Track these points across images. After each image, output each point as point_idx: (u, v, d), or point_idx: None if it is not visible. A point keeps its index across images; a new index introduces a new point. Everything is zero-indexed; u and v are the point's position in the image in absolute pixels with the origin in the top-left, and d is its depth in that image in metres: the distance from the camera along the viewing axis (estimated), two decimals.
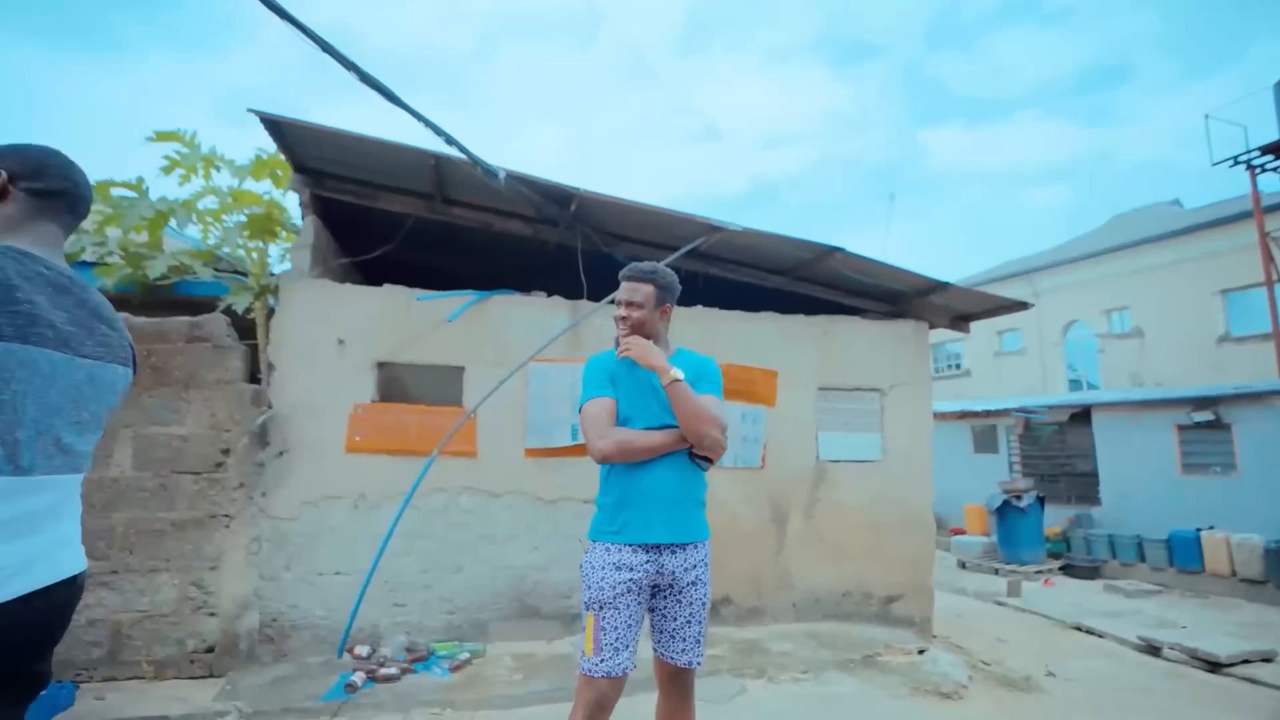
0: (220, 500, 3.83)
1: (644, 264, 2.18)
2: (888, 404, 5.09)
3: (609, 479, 2.05)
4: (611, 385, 2.07)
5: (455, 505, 4.17)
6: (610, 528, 2.03)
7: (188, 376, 3.89)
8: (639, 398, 2.05)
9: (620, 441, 1.96)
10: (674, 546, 2.01)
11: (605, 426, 1.98)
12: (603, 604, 1.95)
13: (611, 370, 2.09)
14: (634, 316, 2.12)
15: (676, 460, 2.02)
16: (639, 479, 1.99)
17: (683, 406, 1.95)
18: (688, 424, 1.95)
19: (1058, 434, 10.22)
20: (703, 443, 1.97)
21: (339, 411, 4.06)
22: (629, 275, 2.15)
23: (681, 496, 2.02)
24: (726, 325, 4.81)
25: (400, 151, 3.98)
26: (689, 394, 1.96)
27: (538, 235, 4.85)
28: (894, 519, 4.95)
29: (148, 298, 4.49)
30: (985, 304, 5.26)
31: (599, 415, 2.01)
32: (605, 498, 2.08)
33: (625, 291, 2.14)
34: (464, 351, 4.30)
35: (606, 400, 2.03)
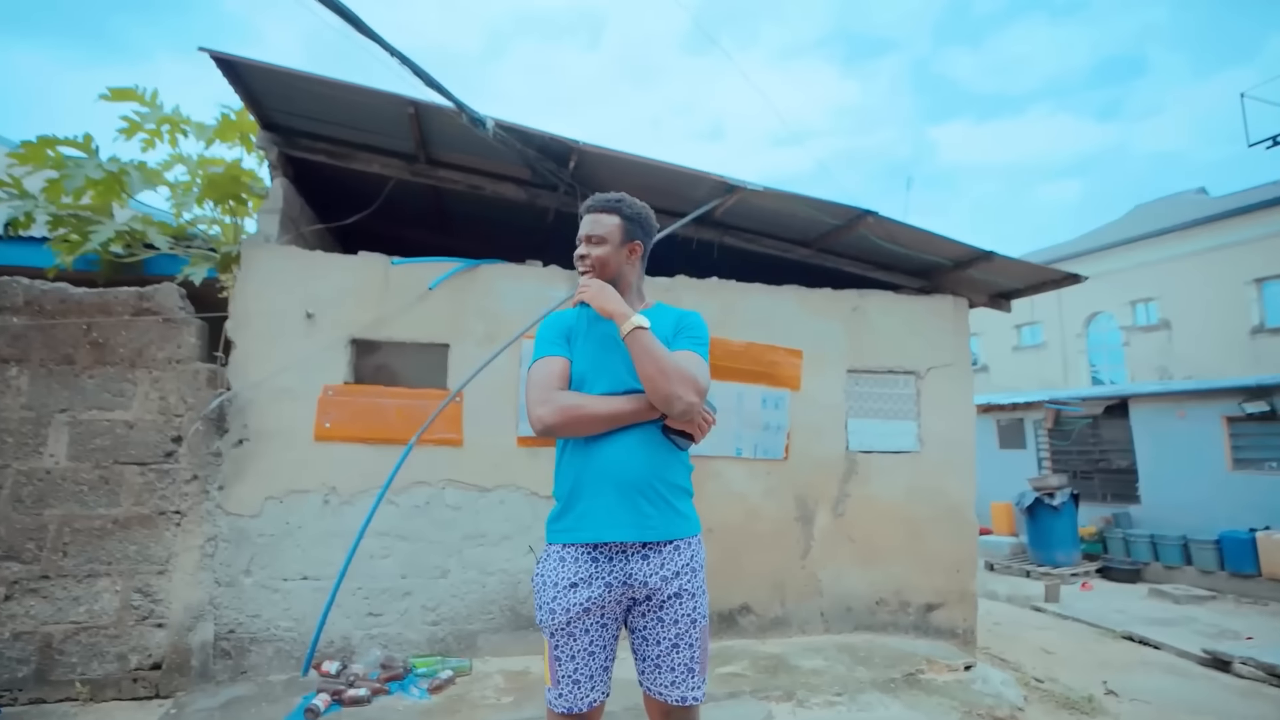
0: (170, 495, 3.36)
1: (609, 193, 1.76)
2: (924, 388, 4.56)
3: (562, 461, 1.65)
4: (566, 344, 1.68)
5: (439, 501, 3.68)
6: (562, 525, 1.59)
7: (134, 354, 3.41)
8: (601, 357, 1.65)
9: (566, 407, 1.54)
10: (644, 548, 1.55)
11: (550, 390, 1.57)
12: (554, 629, 1.55)
13: (569, 326, 1.72)
14: (594, 254, 1.69)
15: (645, 435, 1.58)
16: (594, 458, 1.56)
17: (643, 361, 1.52)
18: (650, 383, 1.51)
19: (1090, 428, 9.63)
20: (671, 407, 1.51)
21: (307, 394, 3.58)
22: (590, 206, 1.74)
23: (650, 479, 1.56)
24: (745, 299, 4.30)
25: (374, 98, 3.50)
26: (653, 344, 1.53)
27: (534, 201, 4.35)
28: (932, 516, 4.42)
29: (116, 277, 4.02)
30: (1033, 277, 4.72)
31: (545, 378, 1.60)
32: (559, 486, 1.65)
33: (585, 225, 1.72)
34: (449, 327, 3.81)
35: (557, 360, 1.64)
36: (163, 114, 4.45)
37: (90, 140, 3.96)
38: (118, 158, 4.00)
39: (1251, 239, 14.41)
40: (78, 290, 3.40)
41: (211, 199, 4.29)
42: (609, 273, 1.69)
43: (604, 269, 1.69)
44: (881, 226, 4.23)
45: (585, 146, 3.71)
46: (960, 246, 4.33)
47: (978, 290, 5.12)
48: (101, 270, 4.15)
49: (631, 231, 1.72)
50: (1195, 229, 15.41)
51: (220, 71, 3.46)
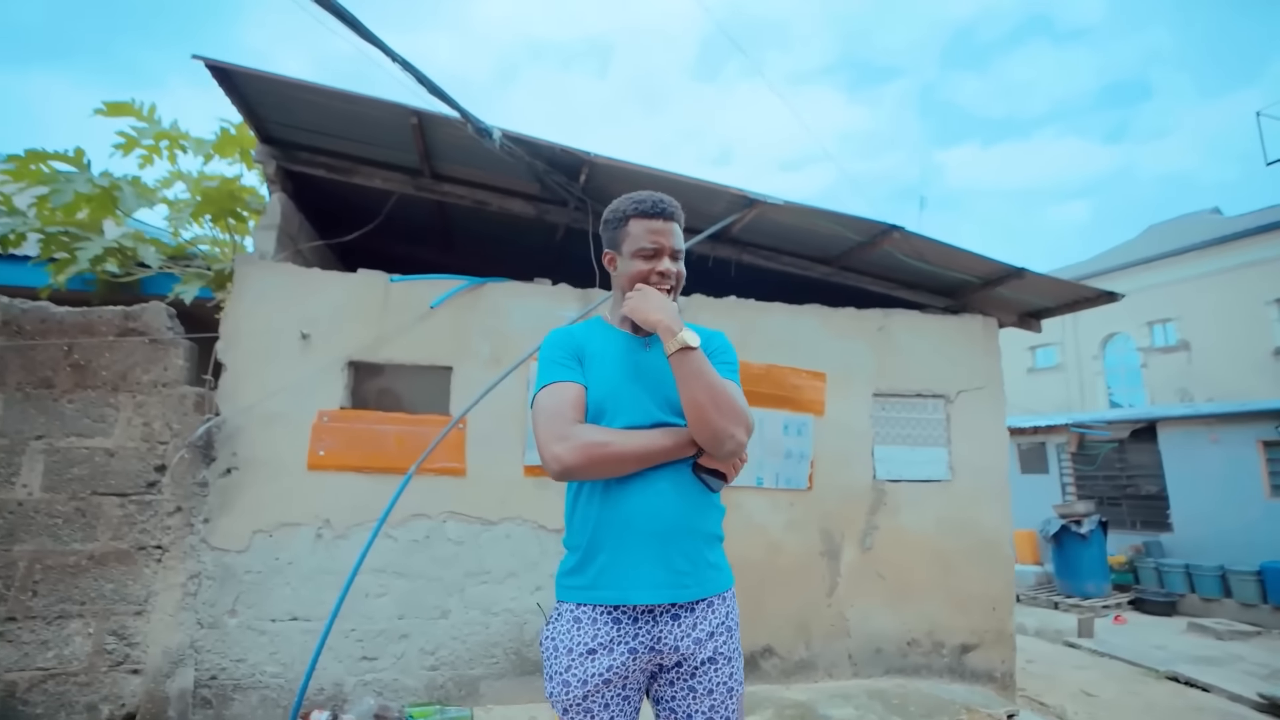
0: (151, 528, 3.13)
1: (664, 196, 1.50)
2: (954, 413, 4.30)
3: (577, 506, 1.41)
4: (579, 366, 1.43)
5: (439, 535, 3.43)
6: (578, 581, 1.35)
7: (118, 377, 3.21)
8: (622, 382, 1.41)
9: (589, 445, 1.29)
10: (676, 609, 1.32)
11: (566, 424, 1.32)
12: (569, 704, 1.29)
13: (578, 345, 1.47)
14: (677, 271, 1.48)
15: (677, 476, 1.36)
16: (618, 503, 1.33)
17: (694, 388, 1.28)
18: (700, 416, 1.28)
19: (1116, 452, 9.30)
20: (720, 445, 1.29)
21: (301, 420, 3.36)
22: (667, 210, 1.46)
23: (685, 530, 1.33)
24: (765, 319, 4.07)
25: (376, 108, 3.33)
26: (706, 368, 1.30)
27: (543, 217, 4.16)
28: (965, 549, 4.13)
29: (111, 297, 3.85)
30: (1066, 295, 4.48)
31: (558, 408, 1.35)
32: (573, 535, 1.40)
33: (665, 234, 1.45)
34: (452, 349, 3.59)
35: (570, 387, 1.38)
36: (160, 129, 4.31)
37: (82, 154, 3.81)
38: (110, 173, 3.84)
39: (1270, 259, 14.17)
40: (59, 309, 3.22)
41: (208, 215, 4.12)
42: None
43: (678, 290, 1.49)
44: (908, 242, 4.01)
45: (597, 159, 3.52)
46: (991, 263, 4.10)
47: (1006, 309, 4.89)
48: (97, 290, 3.98)
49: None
50: (1213, 249, 15.19)
51: (216, 81, 3.31)
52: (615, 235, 1.49)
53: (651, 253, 1.43)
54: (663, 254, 1.44)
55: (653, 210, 1.45)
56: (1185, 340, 15.99)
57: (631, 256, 1.45)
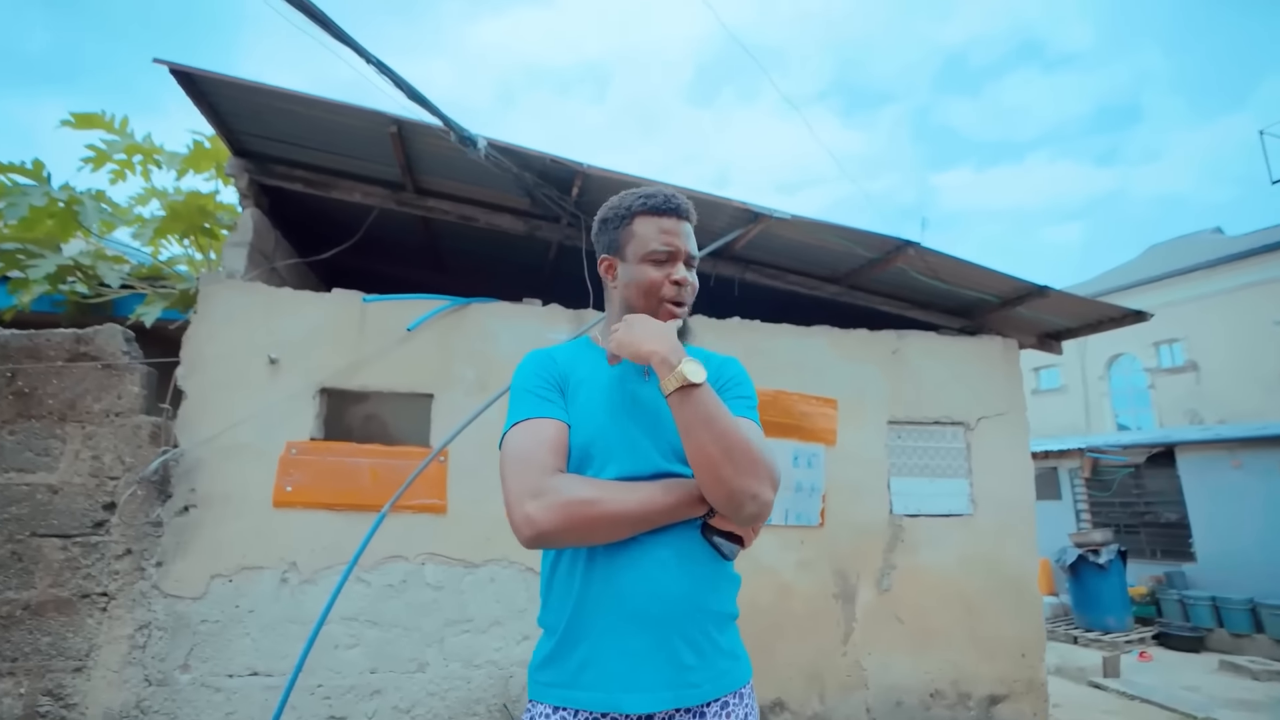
0: (97, 573, 2.83)
1: (673, 190, 1.22)
2: (975, 441, 4.02)
3: (555, 578, 1.12)
4: (560, 398, 1.16)
5: (417, 579, 3.13)
6: (555, 676, 1.06)
7: (65, 406, 2.93)
8: (616, 420, 1.13)
9: (570, 503, 1.00)
10: (682, 715, 1.04)
11: (542, 474, 1.03)
12: None
13: (561, 372, 1.19)
14: (692, 281, 1.20)
15: (682, 542, 1.07)
16: (610, 578, 1.05)
17: (701, 435, 1.00)
18: (710, 470, 1.00)
19: (1133, 477, 8.97)
20: (739, 507, 1.01)
21: (267, 452, 3.08)
22: (679, 206, 1.19)
23: (692, 610, 1.05)
24: (772, 342, 3.81)
25: (352, 116, 3.10)
26: (717, 409, 1.02)
27: (533, 234, 3.92)
28: (991, 590, 3.82)
29: (82, 321, 3.59)
30: (1090, 315, 4.23)
31: (531, 453, 1.06)
32: (549, 614, 1.12)
33: (679, 235, 1.18)
34: (434, 374, 3.32)
35: (547, 425, 1.10)
36: (133, 142, 4.09)
37: (41, 166, 3.58)
38: (71, 186, 3.61)
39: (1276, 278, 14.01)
40: (4, 332, 2.95)
41: (176, 232, 3.88)
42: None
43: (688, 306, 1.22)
44: (922, 259, 3.76)
45: (590, 170, 3.29)
46: (1012, 281, 3.85)
47: (1024, 330, 4.63)
48: (66, 312, 3.74)
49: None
50: (1217, 268, 15.04)
51: (181, 88, 3.09)
52: (616, 237, 1.21)
53: (665, 256, 1.16)
54: (678, 258, 1.17)
55: (665, 206, 1.18)
56: (1193, 361, 15.78)
57: (639, 261, 1.17)
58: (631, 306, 1.19)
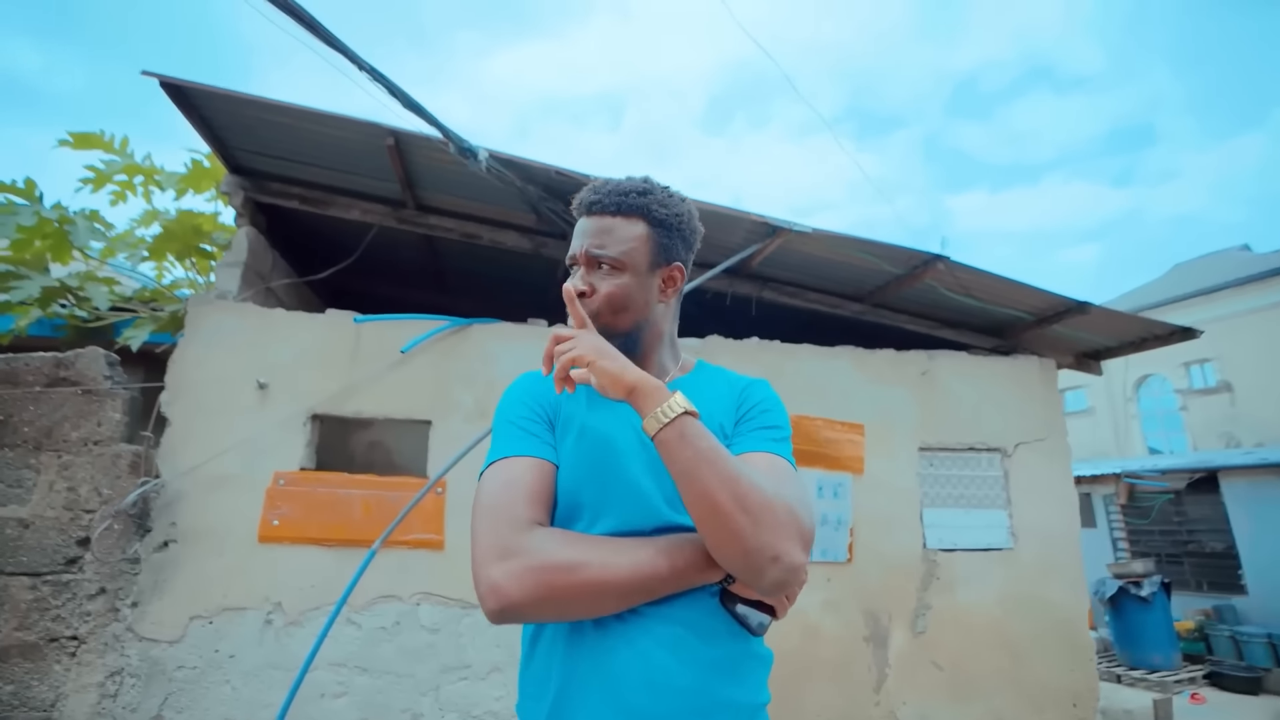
0: (67, 615, 2.63)
1: (626, 181, 0.99)
2: (1013, 468, 3.73)
3: (534, 654, 0.91)
4: (549, 434, 0.95)
5: (412, 620, 2.89)
6: None
7: (41, 434, 2.77)
8: (613, 462, 0.92)
9: (547, 568, 0.79)
10: None
11: (517, 529, 0.82)
12: None
13: (551, 401, 0.99)
14: (604, 290, 0.94)
15: (695, 612, 0.85)
16: (602, 661, 0.83)
17: (697, 480, 0.78)
18: (719, 525, 0.77)
19: (1173, 504, 8.52)
20: (759, 572, 0.78)
21: (253, 483, 2.88)
22: (595, 204, 0.97)
23: (710, 706, 0.83)
24: (792, 363, 3.57)
25: (347, 128, 2.95)
26: (711, 448, 0.79)
27: (540, 251, 3.74)
28: (1036, 633, 3.50)
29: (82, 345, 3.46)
30: (1134, 333, 3.94)
31: (507, 502, 0.85)
32: (527, 696, 0.90)
33: (587, 235, 0.96)
34: (431, 400, 3.12)
35: (529, 465, 0.90)
36: (133, 163, 3.99)
37: (33, 186, 3.47)
38: (63, 206, 3.50)
39: None
40: None
41: (171, 252, 3.75)
42: (625, 321, 0.95)
43: (618, 315, 0.95)
44: (953, 275, 3.53)
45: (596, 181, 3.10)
46: (1049, 297, 3.60)
47: (1060, 349, 4.35)
48: (66, 336, 3.61)
49: (668, 248, 0.99)
50: (1248, 285, 14.60)
51: (173, 102, 2.97)
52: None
53: (570, 263, 1.00)
54: (579, 265, 0.98)
55: (581, 208, 1.01)
56: (1226, 381, 15.26)
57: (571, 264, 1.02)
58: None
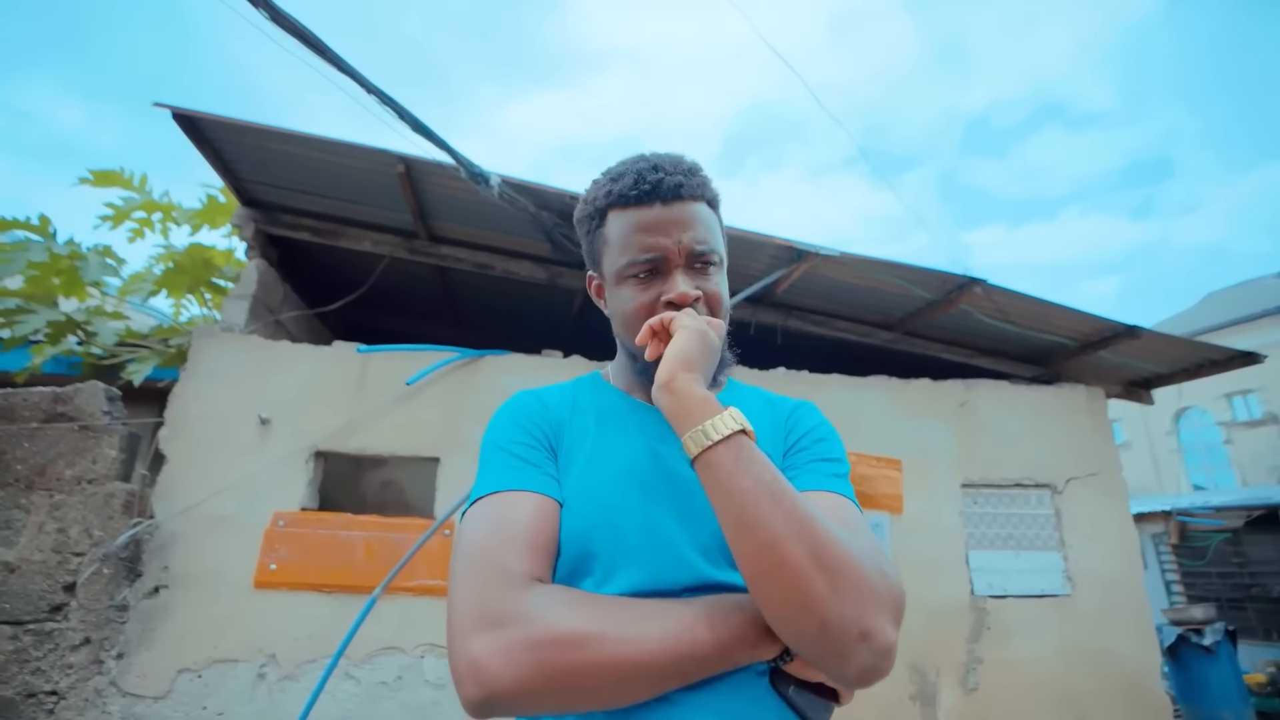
0: (48, 667, 2.46)
1: (671, 157, 0.80)
2: (1064, 506, 3.44)
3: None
4: (551, 463, 0.76)
5: (415, 675, 2.67)
6: None
7: (34, 472, 2.65)
8: (632, 499, 0.73)
9: (545, 642, 0.57)
10: None
11: (505, 586, 0.62)
12: None
13: (553, 422, 0.81)
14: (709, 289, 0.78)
15: (735, 699, 0.63)
16: None
17: (760, 525, 0.57)
18: (792, 587, 0.56)
19: (1230, 543, 7.99)
20: (846, 655, 0.56)
21: (251, 524, 2.73)
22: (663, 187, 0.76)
23: None
24: (822, 394, 3.36)
25: (357, 156, 2.89)
26: (775, 484, 0.59)
27: (555, 281, 3.62)
28: (1101, 691, 3.16)
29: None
30: (1188, 358, 3.68)
31: (494, 549, 0.65)
32: None
33: (667, 228, 0.76)
34: (440, 435, 2.96)
35: (525, 503, 0.70)
36: (151, 199, 3.99)
37: (48, 223, 3.45)
38: (75, 242, 3.47)
39: None
40: None
41: (182, 286, 3.70)
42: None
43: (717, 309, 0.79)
44: (990, 299, 3.33)
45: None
46: (1095, 321, 3.38)
47: (1106, 378, 4.09)
48: (82, 373, 3.54)
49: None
50: None
51: (186, 135, 2.93)
52: (593, 248, 0.84)
53: (648, 268, 0.76)
54: (671, 266, 0.76)
55: (636, 191, 0.76)
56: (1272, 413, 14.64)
57: (617, 282, 0.79)
58: (623, 342, 0.83)
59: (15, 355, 3.51)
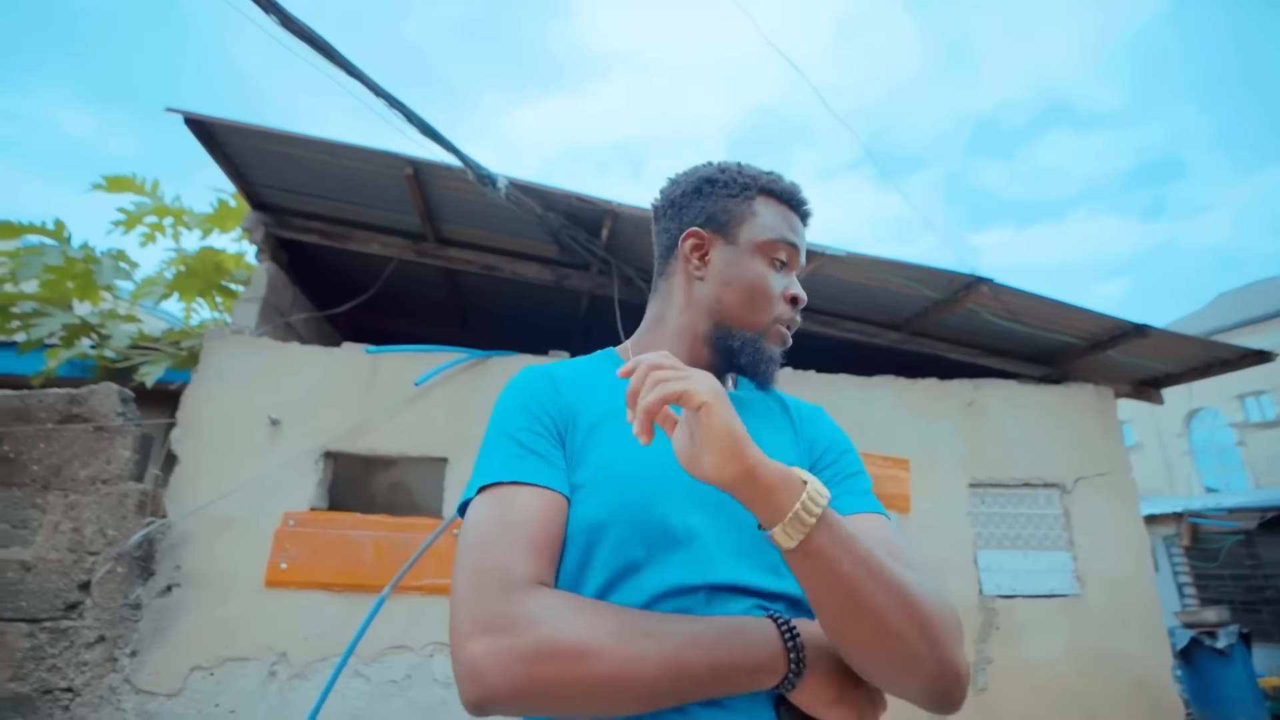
0: (64, 664, 2.49)
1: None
2: (1073, 506, 3.43)
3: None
4: (559, 453, 0.72)
5: (424, 674, 2.69)
6: None
7: (50, 472, 2.69)
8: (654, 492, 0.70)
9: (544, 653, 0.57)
10: None
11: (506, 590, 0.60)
12: None
13: (564, 406, 0.76)
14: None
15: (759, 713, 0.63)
16: None
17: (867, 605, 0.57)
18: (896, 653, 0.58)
19: (1243, 545, 7.91)
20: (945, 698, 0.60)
21: (262, 524, 2.76)
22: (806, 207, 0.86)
23: None
24: (829, 395, 3.37)
25: (365, 159, 2.92)
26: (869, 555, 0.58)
27: (562, 283, 3.64)
28: (1114, 692, 3.14)
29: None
30: (1199, 357, 3.66)
31: (498, 549, 0.63)
32: None
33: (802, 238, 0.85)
34: (447, 436, 2.99)
35: (531, 498, 0.67)
36: (162, 204, 4.04)
37: (62, 227, 3.50)
38: (89, 246, 3.52)
39: None
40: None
41: (194, 290, 3.74)
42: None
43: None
44: (997, 298, 3.32)
45: (621, 208, 3.00)
46: (1103, 320, 3.37)
47: (1114, 377, 4.07)
48: (95, 376, 3.59)
49: None
50: None
51: (197, 139, 2.97)
52: (726, 207, 0.84)
53: (786, 259, 0.82)
54: (792, 267, 0.84)
55: (798, 197, 0.85)
56: None
57: (755, 253, 0.81)
58: (720, 314, 0.81)
59: (30, 358, 3.56)
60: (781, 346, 0.83)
